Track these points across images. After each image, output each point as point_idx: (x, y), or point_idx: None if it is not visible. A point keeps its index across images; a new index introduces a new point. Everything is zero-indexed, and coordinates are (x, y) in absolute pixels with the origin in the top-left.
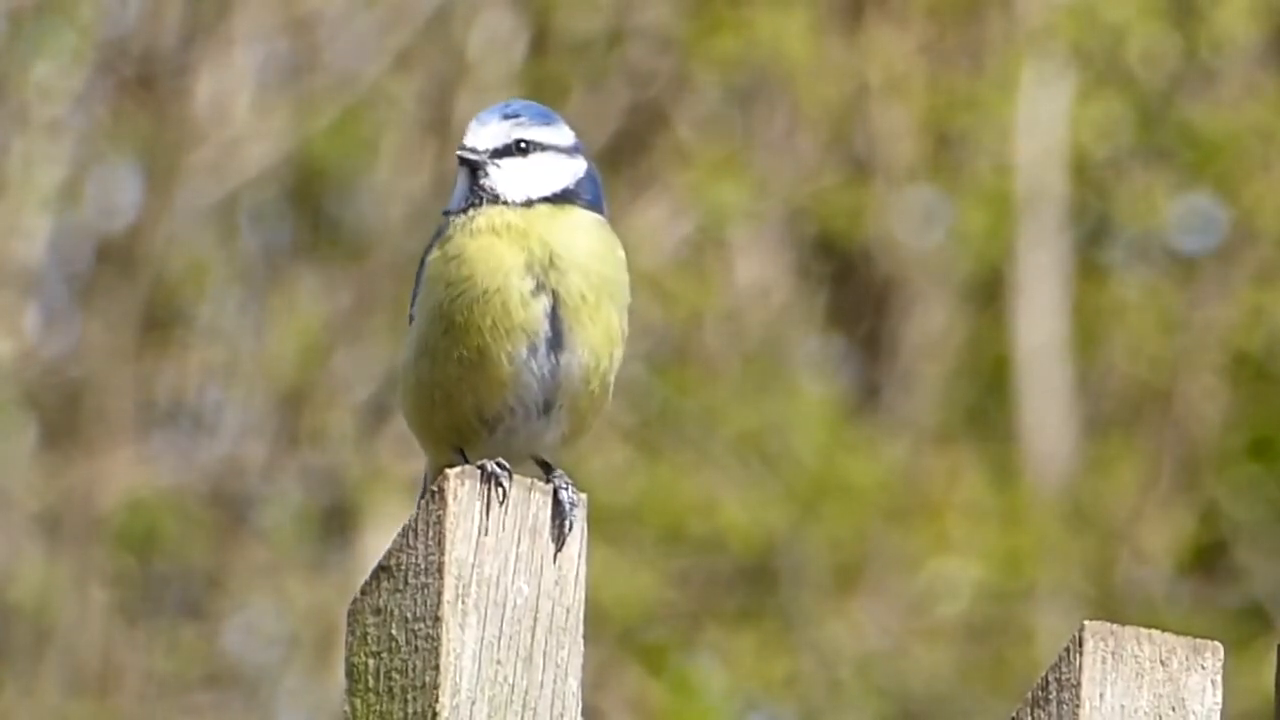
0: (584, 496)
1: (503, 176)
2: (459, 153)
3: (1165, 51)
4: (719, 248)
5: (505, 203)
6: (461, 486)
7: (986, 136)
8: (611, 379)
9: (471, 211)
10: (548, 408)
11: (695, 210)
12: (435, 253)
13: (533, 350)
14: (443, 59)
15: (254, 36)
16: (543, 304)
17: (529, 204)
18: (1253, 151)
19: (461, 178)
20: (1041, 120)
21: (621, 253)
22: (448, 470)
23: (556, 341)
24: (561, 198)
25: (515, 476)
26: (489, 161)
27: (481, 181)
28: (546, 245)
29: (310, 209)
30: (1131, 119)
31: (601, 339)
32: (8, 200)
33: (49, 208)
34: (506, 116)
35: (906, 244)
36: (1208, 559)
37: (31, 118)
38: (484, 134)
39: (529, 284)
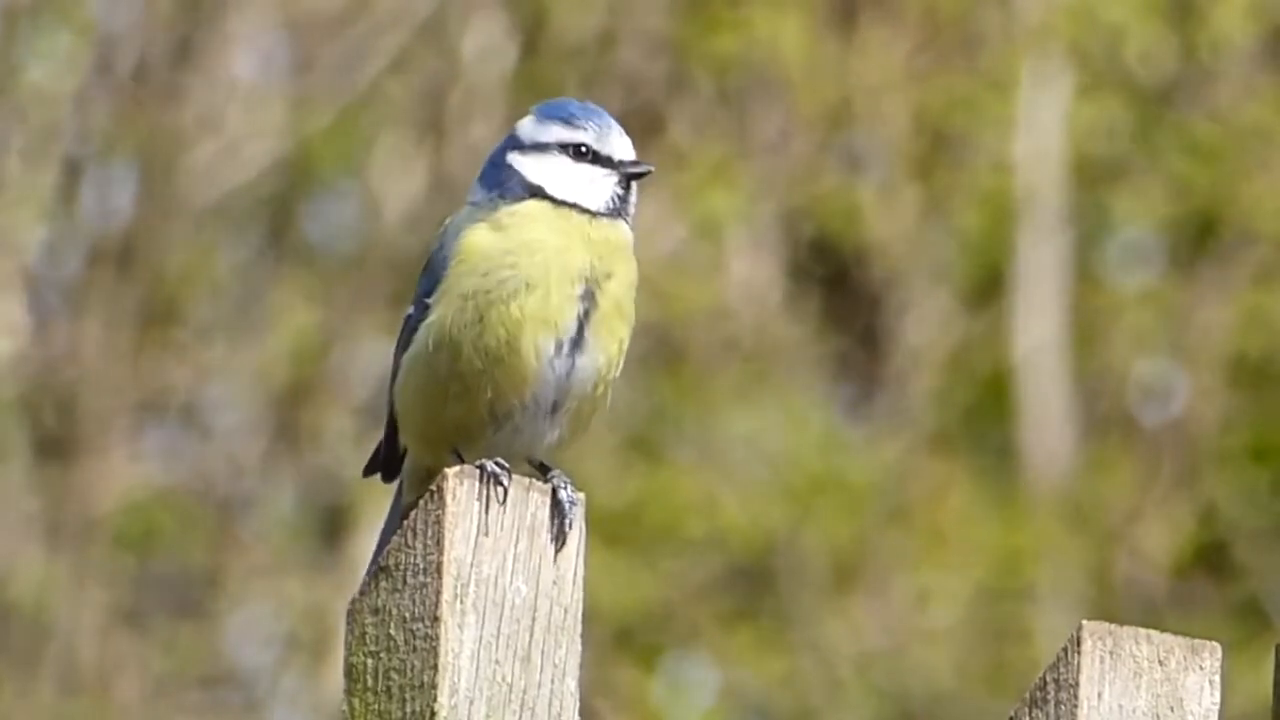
0: (582, 496)
1: (635, 193)
2: (643, 168)
3: (1163, 52)
4: (714, 249)
5: (626, 219)
6: (460, 486)
7: (984, 137)
8: (611, 388)
9: (552, 206)
10: (555, 408)
11: (690, 213)
12: (483, 234)
13: (558, 348)
14: (438, 60)
15: (250, 37)
16: (581, 308)
17: (615, 218)
18: (1251, 152)
19: (610, 185)
20: (1039, 120)
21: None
22: (446, 470)
23: (578, 343)
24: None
25: (514, 476)
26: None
27: (631, 195)
28: (607, 262)
29: (306, 209)
30: (1130, 119)
31: (616, 347)
32: (4, 201)
33: (45, 208)
34: (617, 122)
35: (903, 245)
36: (1207, 559)
37: (28, 118)
38: (629, 145)
39: (579, 289)
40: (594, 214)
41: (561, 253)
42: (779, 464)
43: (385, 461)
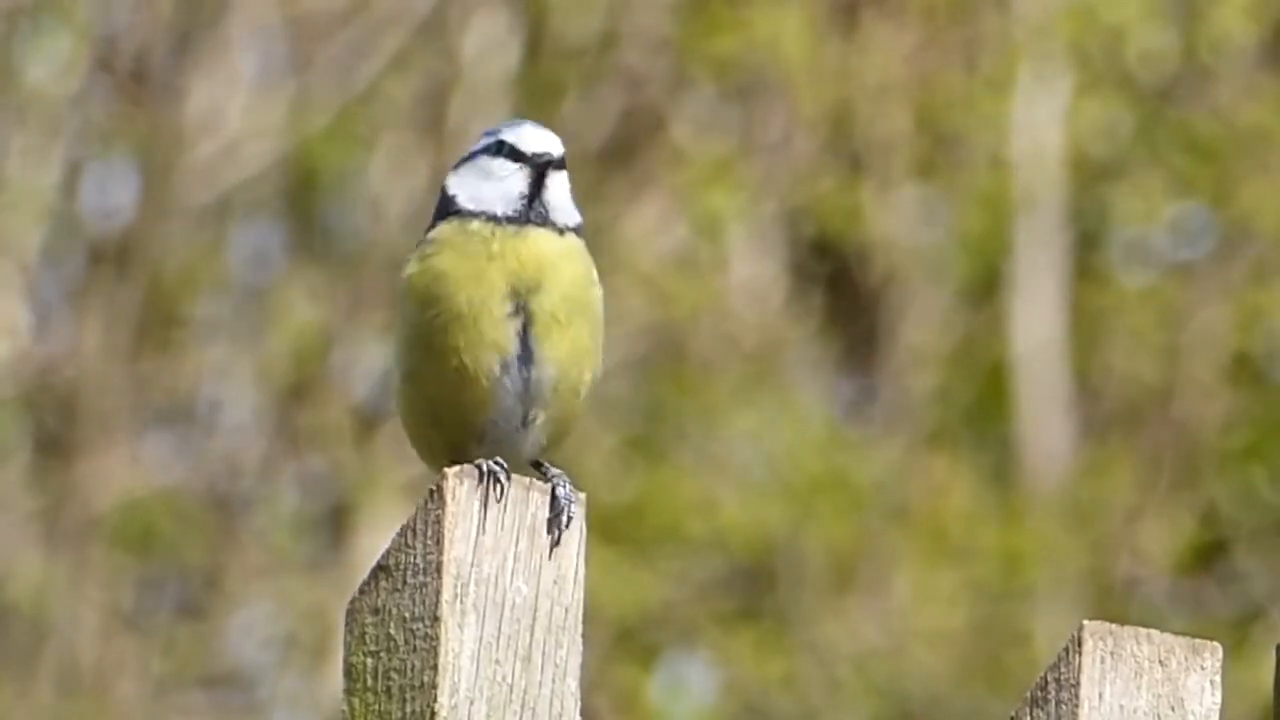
0: (583, 495)
1: (557, 190)
2: (544, 151)
3: (1163, 51)
4: (715, 249)
5: (543, 222)
6: (460, 486)
7: (983, 136)
8: (583, 390)
9: (459, 224)
10: (525, 420)
11: (691, 212)
12: (414, 265)
13: (505, 367)
14: (438, 60)
15: (250, 36)
16: (516, 324)
17: (550, 227)
18: (1251, 152)
19: (520, 180)
20: (1039, 120)
21: (595, 273)
22: (446, 470)
23: (527, 358)
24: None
25: (514, 476)
26: (554, 170)
27: (545, 195)
28: (536, 273)
29: (306, 209)
30: (1129, 119)
31: (568, 355)
32: (3, 200)
33: (45, 208)
34: (546, 128)
35: (903, 244)
36: (1207, 559)
37: (27, 118)
38: (547, 138)
39: (507, 307)
40: (499, 220)
41: (473, 279)
42: (779, 464)
43: None
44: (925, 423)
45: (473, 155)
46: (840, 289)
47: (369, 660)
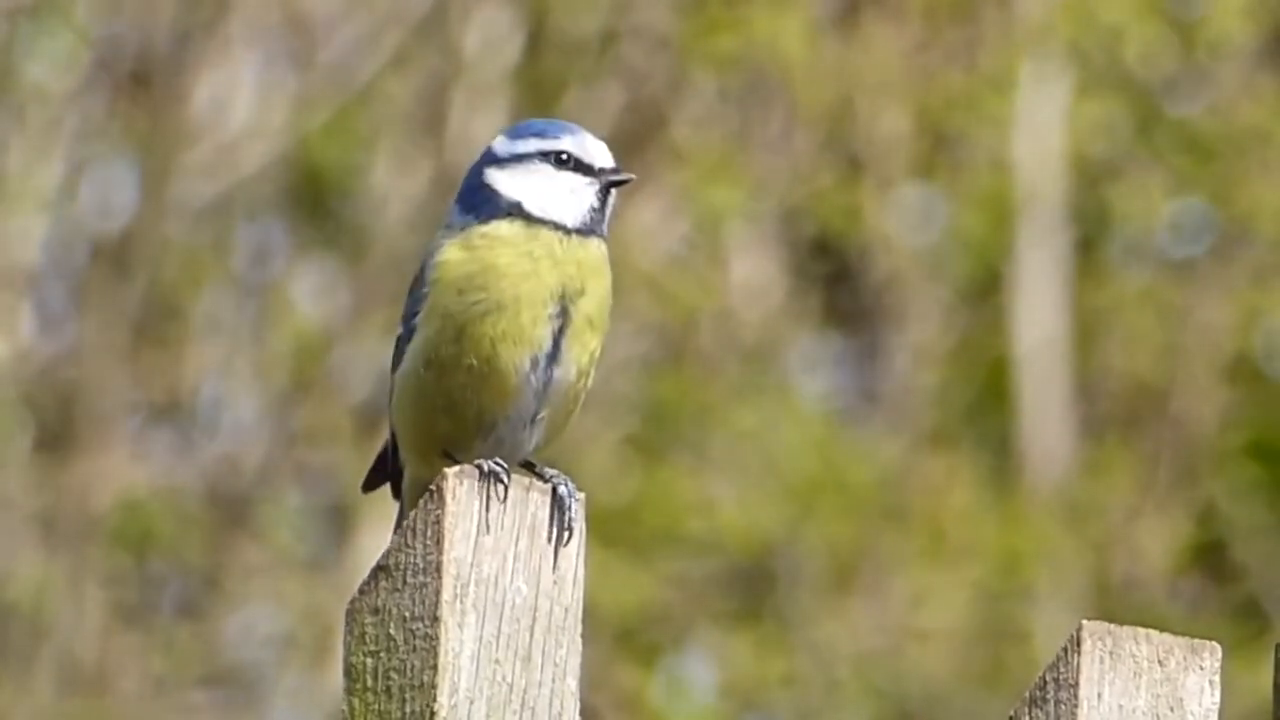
0: (583, 495)
1: (613, 202)
2: (623, 176)
3: (1163, 51)
4: (715, 247)
5: (595, 232)
6: (460, 486)
7: (984, 136)
8: (583, 395)
9: (525, 226)
10: (534, 418)
11: (691, 210)
12: (455, 253)
13: (534, 364)
14: (439, 58)
15: (250, 35)
16: (555, 325)
17: (589, 235)
18: (1250, 152)
19: (590, 194)
20: (1039, 120)
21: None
22: (446, 470)
23: (554, 357)
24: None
25: (514, 476)
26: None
27: (608, 206)
28: (581, 280)
29: (307, 208)
30: (1129, 119)
31: (588, 359)
32: (4, 200)
33: (45, 207)
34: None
35: (903, 243)
36: (1206, 559)
37: (28, 117)
38: (608, 152)
39: (553, 309)
40: (568, 231)
41: (528, 276)
42: (779, 464)
43: (391, 476)
44: (925, 422)
45: (522, 157)
46: (840, 288)
47: (369, 660)
